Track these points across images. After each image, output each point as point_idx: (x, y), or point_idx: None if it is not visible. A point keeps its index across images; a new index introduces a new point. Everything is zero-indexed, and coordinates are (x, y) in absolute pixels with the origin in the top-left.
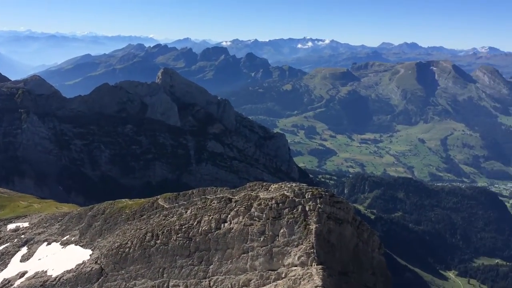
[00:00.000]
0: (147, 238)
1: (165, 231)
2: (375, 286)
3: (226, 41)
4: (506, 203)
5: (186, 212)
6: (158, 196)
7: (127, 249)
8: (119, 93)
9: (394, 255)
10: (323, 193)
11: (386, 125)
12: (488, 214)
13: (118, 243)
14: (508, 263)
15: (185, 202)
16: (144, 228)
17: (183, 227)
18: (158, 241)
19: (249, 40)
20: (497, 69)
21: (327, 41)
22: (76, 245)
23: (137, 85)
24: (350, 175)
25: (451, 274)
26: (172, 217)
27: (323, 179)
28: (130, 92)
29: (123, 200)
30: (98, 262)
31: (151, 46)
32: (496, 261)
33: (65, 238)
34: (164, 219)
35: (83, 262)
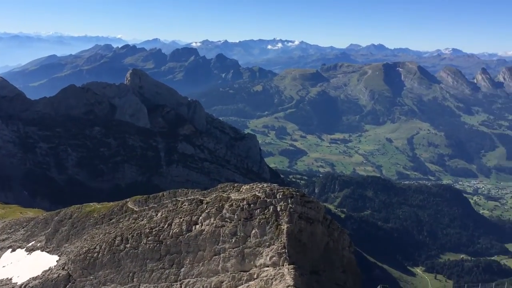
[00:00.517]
0: (116, 242)
1: (135, 235)
2: (345, 284)
3: (196, 42)
4: (470, 200)
5: (157, 215)
6: (128, 199)
7: (96, 254)
8: (86, 95)
9: (363, 252)
10: (294, 193)
11: (355, 125)
12: (453, 211)
13: (86, 248)
14: (472, 258)
15: (156, 205)
16: (113, 232)
17: (154, 230)
18: (128, 245)
19: (219, 41)
20: (460, 70)
21: (296, 42)
22: (42, 251)
23: (105, 87)
24: (321, 175)
25: (418, 270)
26: (142, 220)
27: (294, 179)
28: (98, 94)
29: (91, 204)
30: (66, 268)
31: (119, 46)
32: (461, 256)
33: (30, 244)
34: (134, 223)
35: (50, 269)
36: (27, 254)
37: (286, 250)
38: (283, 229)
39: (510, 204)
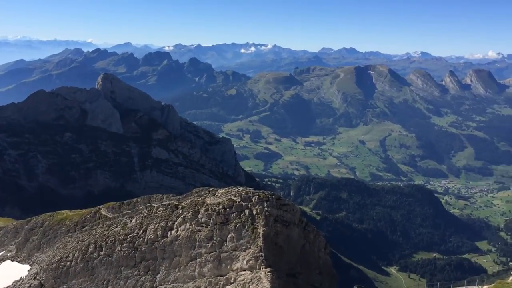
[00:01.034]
0: (89, 250)
1: (109, 242)
2: (322, 286)
3: (168, 46)
4: (441, 199)
5: (131, 221)
6: (101, 206)
7: (68, 263)
8: (56, 100)
9: (339, 254)
10: (269, 196)
11: (329, 128)
12: (425, 211)
13: (59, 257)
14: (444, 257)
15: (130, 211)
16: (86, 239)
17: (128, 236)
18: (102, 253)
19: (192, 45)
20: (429, 73)
21: (269, 46)
22: (12, 260)
23: (76, 91)
24: (296, 178)
25: (393, 270)
26: (116, 227)
27: (269, 182)
28: (68, 99)
29: (63, 211)
30: (37, 277)
31: (90, 51)
32: (434, 255)
33: (0, 254)
34: (107, 230)
35: (21, 279)
36: None
37: (263, 254)
38: (259, 233)
39: (479, 203)
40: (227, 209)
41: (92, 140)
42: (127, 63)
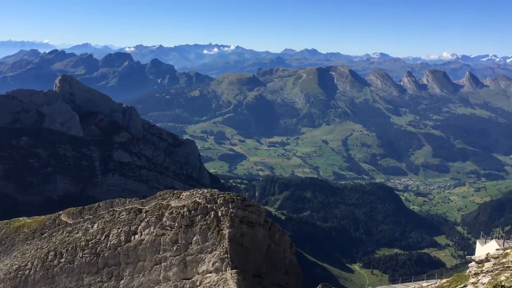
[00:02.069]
0: (49, 257)
1: (69, 249)
2: (287, 285)
3: (129, 47)
4: (401, 196)
5: (93, 226)
6: (61, 212)
7: (27, 271)
8: (11, 103)
9: (304, 253)
10: (234, 197)
11: (292, 128)
12: (386, 208)
13: (17, 266)
14: (405, 252)
15: (91, 216)
16: (46, 247)
17: (90, 242)
18: (62, 260)
19: (154, 46)
20: (387, 74)
21: (232, 47)
22: None
23: (32, 94)
24: (260, 178)
25: (356, 267)
26: (77, 233)
27: (234, 184)
28: (24, 102)
29: (21, 218)
30: None
31: (47, 52)
32: (395, 250)
33: None
34: (68, 236)
35: None
36: None
37: (229, 255)
38: (225, 234)
39: (437, 199)
40: (192, 212)
41: (50, 144)
42: (86, 65)
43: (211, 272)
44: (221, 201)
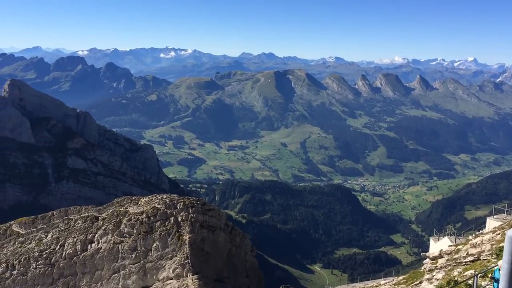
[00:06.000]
0: (1, 270)
1: (22, 260)
2: None
3: (82, 50)
4: (358, 197)
5: (47, 236)
6: (12, 222)
7: None
8: None
9: (265, 255)
10: (194, 202)
11: (251, 132)
12: (344, 208)
13: None
14: (363, 251)
15: (45, 226)
16: None
17: (44, 253)
18: (15, 272)
19: (108, 49)
20: (343, 77)
21: (189, 51)
22: None
23: None
24: (220, 182)
25: (316, 267)
26: (30, 243)
27: (194, 188)
28: None
29: None
30: None
31: None
32: (354, 250)
33: None
34: (20, 247)
35: None
36: None
37: (189, 261)
38: (186, 240)
39: (392, 198)
40: (151, 218)
41: None
42: (37, 68)
43: (171, 279)
44: (181, 206)
